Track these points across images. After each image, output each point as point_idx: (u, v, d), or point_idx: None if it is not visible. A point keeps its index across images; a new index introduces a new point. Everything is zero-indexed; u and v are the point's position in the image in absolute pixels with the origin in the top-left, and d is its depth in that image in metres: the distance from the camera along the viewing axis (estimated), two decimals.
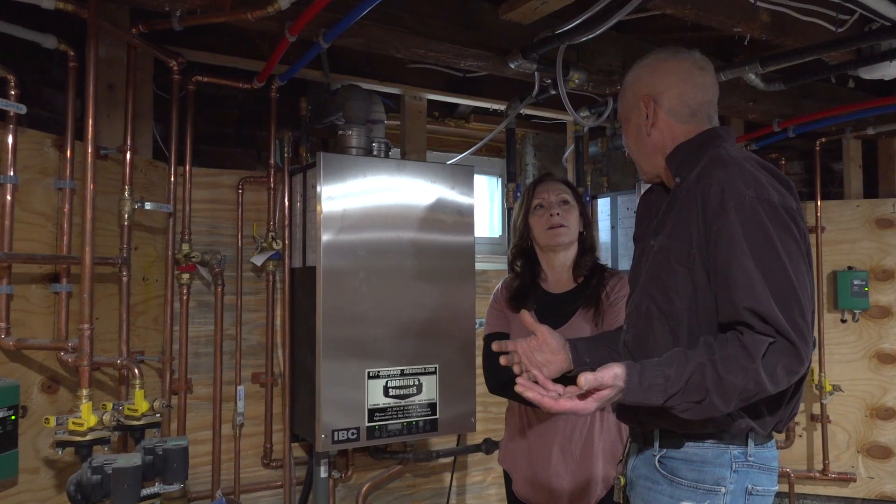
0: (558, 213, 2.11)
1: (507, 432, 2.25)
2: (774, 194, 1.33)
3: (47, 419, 1.83)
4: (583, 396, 1.27)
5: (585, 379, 1.24)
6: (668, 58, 1.55)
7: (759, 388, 1.26)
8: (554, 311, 2.09)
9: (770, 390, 1.27)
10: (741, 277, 1.29)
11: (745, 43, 2.67)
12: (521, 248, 2.21)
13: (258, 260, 2.74)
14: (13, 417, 1.83)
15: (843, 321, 3.77)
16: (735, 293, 1.30)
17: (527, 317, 1.61)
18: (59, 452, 1.85)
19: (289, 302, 2.75)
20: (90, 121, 1.92)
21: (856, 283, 3.69)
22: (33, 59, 2.22)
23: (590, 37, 2.24)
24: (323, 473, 2.72)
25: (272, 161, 2.78)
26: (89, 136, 1.93)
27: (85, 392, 1.86)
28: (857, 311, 3.74)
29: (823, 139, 3.81)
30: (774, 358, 1.25)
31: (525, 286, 2.18)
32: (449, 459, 3.13)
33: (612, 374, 1.26)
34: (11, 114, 1.91)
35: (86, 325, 1.89)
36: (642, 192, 1.68)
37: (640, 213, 1.65)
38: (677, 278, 1.39)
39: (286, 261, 2.75)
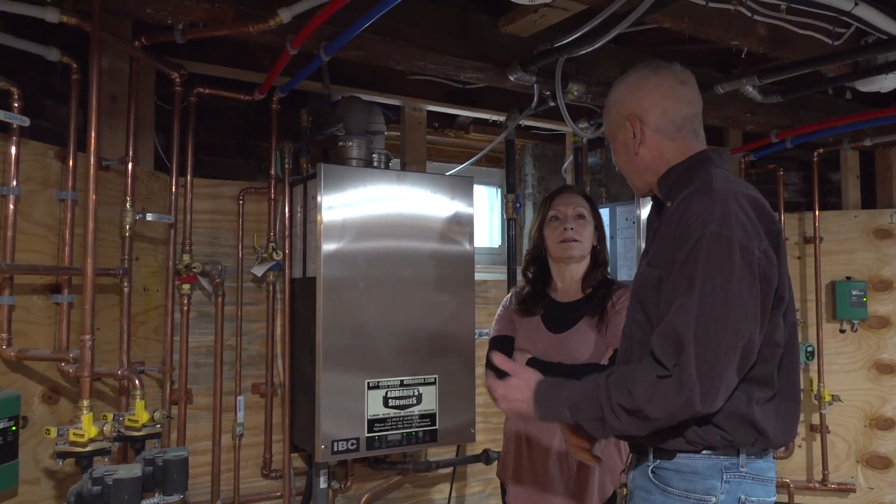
0: (572, 228, 2.15)
1: (504, 444, 2.26)
2: (738, 232, 1.33)
3: (48, 430, 1.83)
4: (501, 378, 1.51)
5: (498, 360, 1.53)
6: (649, 75, 1.56)
7: (639, 415, 1.32)
8: (560, 318, 2.14)
9: (653, 418, 1.31)
10: (670, 308, 1.34)
11: (743, 55, 2.68)
12: (535, 256, 2.26)
13: (259, 270, 2.75)
14: (14, 428, 1.83)
15: (842, 331, 3.78)
16: (660, 320, 1.36)
17: (501, 361, 1.55)
18: (60, 463, 1.85)
19: (289, 312, 2.75)
20: (93, 132, 1.93)
21: (854, 293, 3.70)
22: (35, 71, 2.24)
23: (588, 50, 2.26)
24: (322, 484, 2.72)
25: (273, 172, 2.80)
26: (92, 148, 1.94)
27: (86, 403, 1.87)
28: (855, 322, 3.74)
29: (821, 150, 3.83)
30: (659, 390, 1.31)
31: (534, 293, 2.23)
32: (448, 470, 3.13)
33: (525, 373, 1.50)
34: (14, 126, 1.92)
35: (87, 336, 1.90)
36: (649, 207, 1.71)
37: (647, 229, 1.68)
38: (659, 307, 1.41)
39: (286, 271, 2.76)
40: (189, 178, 2.62)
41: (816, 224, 3.80)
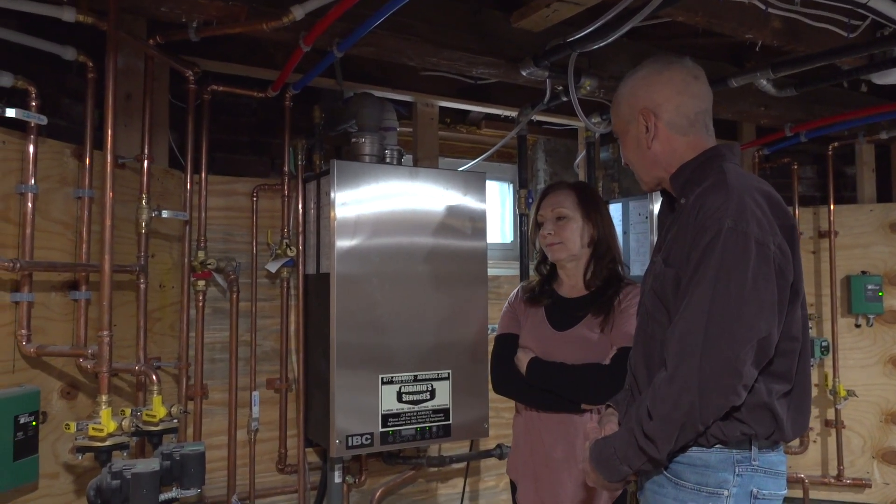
0: (550, 233, 2.11)
1: (513, 440, 2.26)
2: (754, 228, 1.33)
3: (68, 425, 1.85)
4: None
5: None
6: (661, 69, 1.56)
7: (672, 427, 1.34)
8: (565, 314, 2.11)
9: (684, 423, 1.33)
10: (683, 306, 1.36)
11: (757, 49, 2.67)
12: (542, 254, 2.24)
13: (273, 267, 2.76)
14: (34, 423, 1.86)
15: (858, 326, 3.76)
16: (675, 320, 1.37)
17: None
18: (80, 457, 1.87)
19: (303, 308, 2.77)
20: (109, 130, 1.95)
21: (870, 287, 3.68)
22: (50, 70, 2.26)
23: (601, 45, 2.25)
24: (337, 478, 2.74)
25: (286, 168, 2.81)
26: (108, 146, 1.95)
27: (104, 398, 1.88)
28: (871, 316, 3.72)
29: (836, 143, 3.80)
30: (670, 397, 1.33)
31: (542, 286, 2.21)
32: (462, 465, 3.14)
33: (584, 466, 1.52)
34: (32, 124, 1.94)
35: (105, 332, 1.91)
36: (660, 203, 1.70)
37: (658, 224, 1.68)
38: (679, 305, 1.41)
39: (300, 267, 2.77)
40: (203, 175, 2.64)
41: (831, 218, 3.77)
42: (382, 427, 2.52)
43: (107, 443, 1.84)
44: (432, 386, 2.62)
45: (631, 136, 1.59)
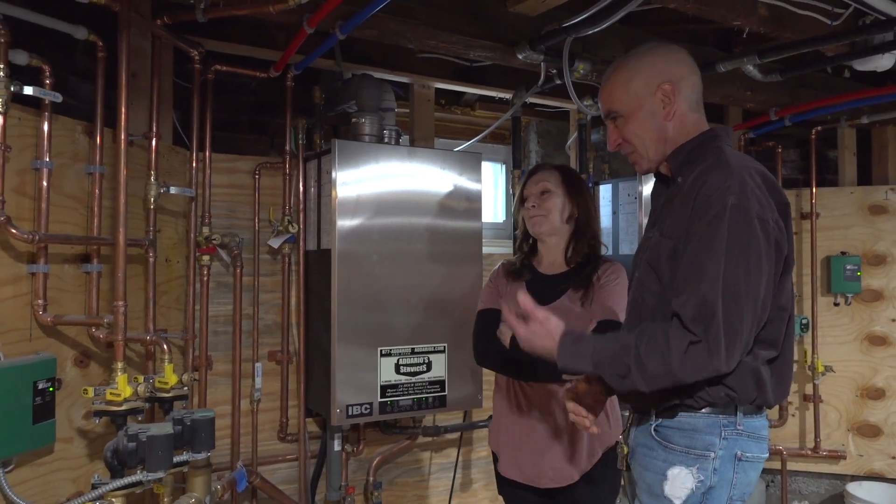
0: (534, 205, 2.21)
1: (494, 413, 2.32)
2: (755, 205, 1.41)
3: (86, 390, 1.93)
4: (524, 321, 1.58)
5: (522, 299, 1.55)
6: (673, 50, 1.64)
7: (669, 377, 1.40)
8: (545, 290, 2.18)
9: (681, 380, 1.41)
10: (694, 275, 1.41)
11: (744, 35, 2.75)
12: (524, 232, 2.33)
13: (275, 243, 2.84)
14: (51, 389, 1.94)
15: (836, 304, 3.89)
16: (684, 287, 1.43)
17: (525, 301, 1.58)
18: (97, 421, 1.96)
19: (303, 283, 2.86)
20: (123, 108, 2.02)
21: (849, 267, 3.80)
22: (58, 48, 2.30)
23: (596, 30, 2.33)
24: (336, 447, 2.84)
25: (287, 147, 2.88)
26: (122, 124, 2.02)
27: (120, 365, 1.97)
28: (849, 295, 3.84)
29: (819, 128, 3.90)
30: (690, 355, 1.39)
31: (523, 264, 2.30)
32: (456, 435, 3.26)
33: (548, 318, 1.54)
34: (46, 102, 1.99)
35: (120, 303, 2.00)
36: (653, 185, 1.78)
37: (652, 203, 1.75)
38: (673, 276, 1.49)
39: (301, 243, 2.85)
40: (207, 153, 2.71)
41: (813, 200, 3.89)
42: (381, 397, 2.62)
43: (123, 407, 1.93)
44: (429, 359, 2.72)
45: (646, 111, 1.60)
